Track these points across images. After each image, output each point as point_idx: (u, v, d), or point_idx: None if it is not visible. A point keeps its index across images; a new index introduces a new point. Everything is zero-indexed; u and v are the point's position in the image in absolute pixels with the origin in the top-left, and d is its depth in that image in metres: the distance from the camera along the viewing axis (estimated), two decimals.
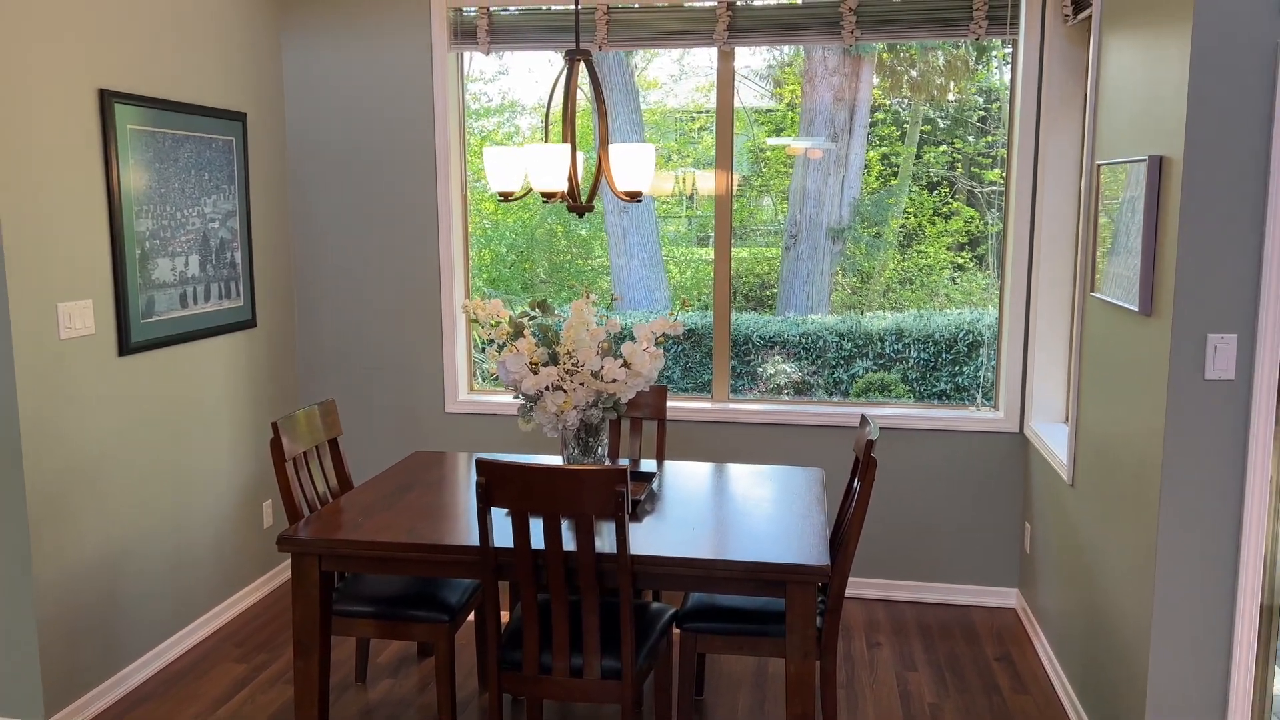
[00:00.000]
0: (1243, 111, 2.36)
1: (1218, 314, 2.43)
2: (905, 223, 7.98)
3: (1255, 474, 2.48)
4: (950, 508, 4.15)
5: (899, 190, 8.12)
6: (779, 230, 7.95)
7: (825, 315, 6.82)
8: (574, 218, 8.73)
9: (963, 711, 3.29)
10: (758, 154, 8.73)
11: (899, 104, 8.33)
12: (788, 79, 8.36)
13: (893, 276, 8.06)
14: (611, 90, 7.42)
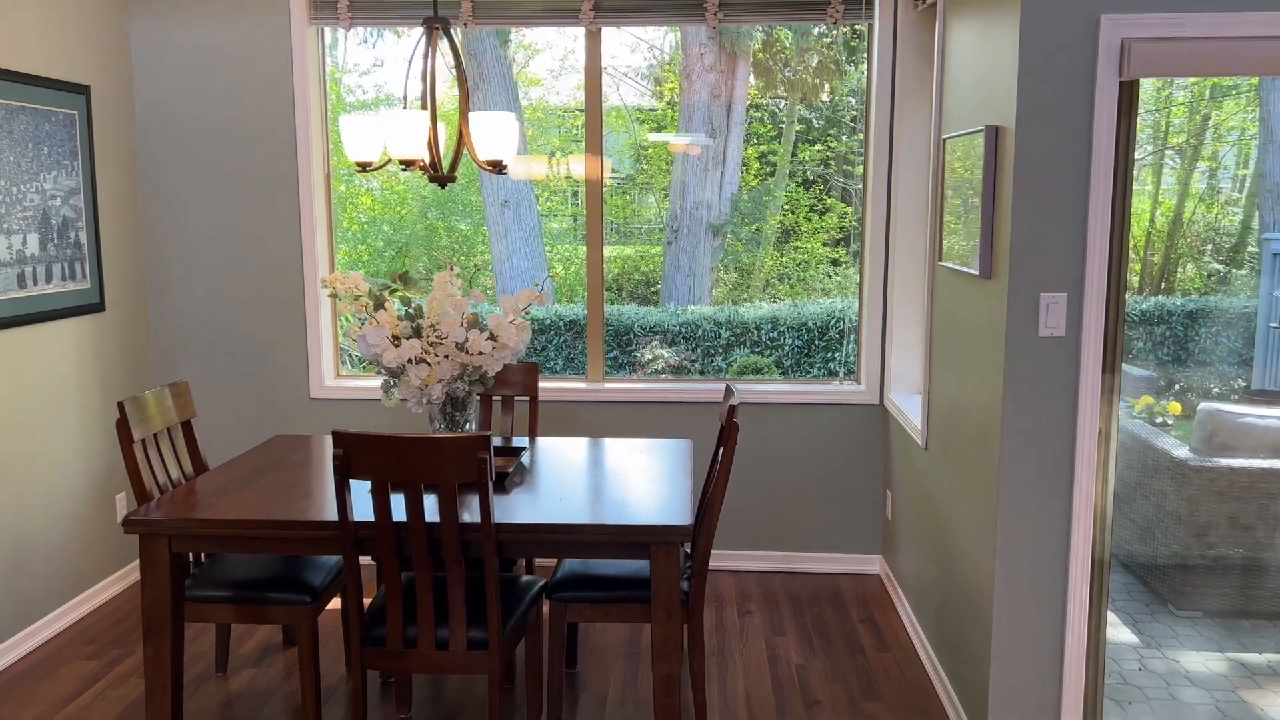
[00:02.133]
0: (1068, 81, 2.51)
1: (1049, 274, 2.58)
2: (783, 219, 8.18)
3: (1085, 428, 2.64)
4: (817, 480, 4.28)
5: (776, 187, 8.31)
6: (663, 228, 8.02)
7: (705, 306, 6.94)
8: (454, 212, 8.60)
9: (827, 671, 3.39)
10: (640, 151, 8.80)
11: (775, 103, 8.53)
12: (668, 77, 8.45)
13: (772, 272, 8.25)
14: (489, 83, 7.35)
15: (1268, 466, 3.90)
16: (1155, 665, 3.50)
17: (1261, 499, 3.92)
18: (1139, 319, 7.73)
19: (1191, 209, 11.85)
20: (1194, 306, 7.91)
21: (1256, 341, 7.08)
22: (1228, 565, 3.94)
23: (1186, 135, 12.27)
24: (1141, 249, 12.29)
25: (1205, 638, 3.73)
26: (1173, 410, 5.04)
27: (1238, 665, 3.51)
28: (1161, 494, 4.11)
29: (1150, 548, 4.16)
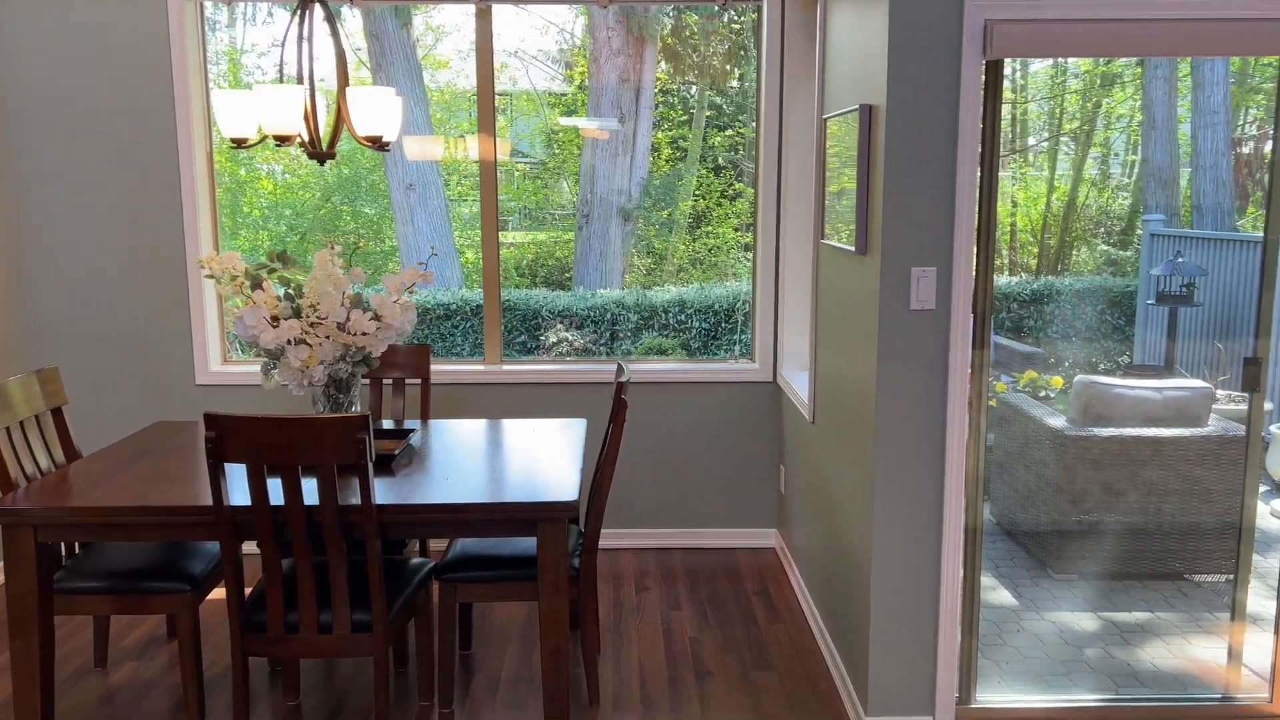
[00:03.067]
0: (935, 61, 2.58)
1: (919, 249, 2.66)
2: (695, 204, 8.23)
3: (955, 399, 2.73)
4: (715, 457, 4.34)
5: (687, 172, 8.35)
6: (575, 213, 7.99)
7: (614, 290, 6.96)
8: (359, 196, 8.42)
9: (720, 643, 3.45)
10: (551, 135, 8.74)
11: (686, 88, 8.55)
12: (578, 61, 8.41)
13: (684, 257, 8.29)
14: (392, 65, 7.21)
15: (1138, 435, 4.10)
16: (1034, 626, 3.65)
17: (1133, 466, 4.11)
18: (1030, 298, 8.03)
19: (1085, 193, 12.32)
20: (1081, 285, 8.24)
21: (1137, 318, 7.42)
22: (1102, 530, 4.13)
23: (1080, 122, 12.73)
24: (1039, 232, 12.74)
25: (1081, 599, 3.91)
26: (1055, 384, 5.26)
27: (1109, 624, 3.69)
28: (1042, 463, 4.28)
29: (1031, 515, 4.33)
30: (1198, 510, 4.07)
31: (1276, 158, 2.93)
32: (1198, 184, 9.32)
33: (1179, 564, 4.04)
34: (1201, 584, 3.98)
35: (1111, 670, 3.30)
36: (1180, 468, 4.08)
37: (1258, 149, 9.67)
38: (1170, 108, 9.85)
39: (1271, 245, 2.93)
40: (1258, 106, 10.50)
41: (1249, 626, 3.17)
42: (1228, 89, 9.45)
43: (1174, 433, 4.08)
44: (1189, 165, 9.66)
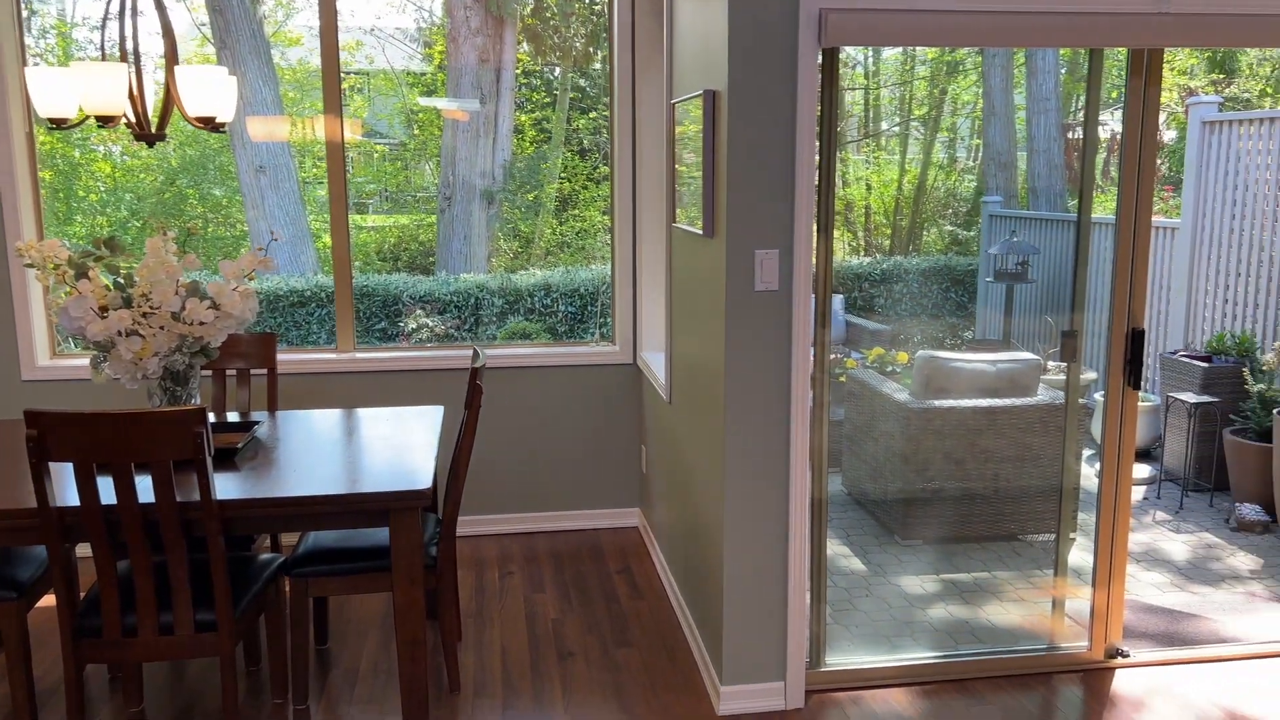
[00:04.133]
0: (774, 48, 2.65)
1: (762, 231, 2.73)
2: (561, 187, 8.18)
3: (798, 374, 2.83)
4: (578, 439, 4.36)
5: (552, 155, 8.29)
6: (438, 196, 7.82)
7: (478, 275, 6.87)
8: (205, 179, 8.01)
9: (583, 622, 3.49)
10: (411, 116, 8.52)
11: (549, 70, 8.47)
12: (437, 40, 8.22)
13: (552, 240, 8.25)
14: (238, 41, 6.88)
15: (974, 405, 4.34)
16: (881, 590, 3.83)
17: (970, 434, 4.36)
18: (880, 278, 8.36)
19: (933, 177, 12.85)
20: (927, 265, 8.64)
21: (978, 296, 7.84)
22: (943, 496, 4.36)
23: (928, 108, 13.24)
24: (892, 214, 13.19)
25: (924, 562, 4.13)
26: (901, 359, 5.50)
27: (950, 584, 3.91)
28: (889, 435, 4.48)
29: (880, 485, 4.54)
30: (1029, 474, 4.34)
31: (1087, 147, 3.14)
32: (1033, 167, 9.88)
33: (1013, 525, 4.32)
34: (1033, 543, 4.26)
35: (951, 628, 3.50)
36: (1013, 435, 4.35)
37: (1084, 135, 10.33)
38: (1008, 95, 10.39)
39: (1084, 226, 3.15)
40: (1072, 95, 11.17)
41: (1072, 581, 3.42)
42: (1058, 78, 10.04)
43: (1006, 402, 4.34)
44: (1025, 150, 10.23)
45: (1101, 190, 10.28)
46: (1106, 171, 10.54)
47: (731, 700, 2.90)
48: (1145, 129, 2.90)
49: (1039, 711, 2.89)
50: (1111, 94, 12.08)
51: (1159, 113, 2.91)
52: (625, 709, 2.92)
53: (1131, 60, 2.86)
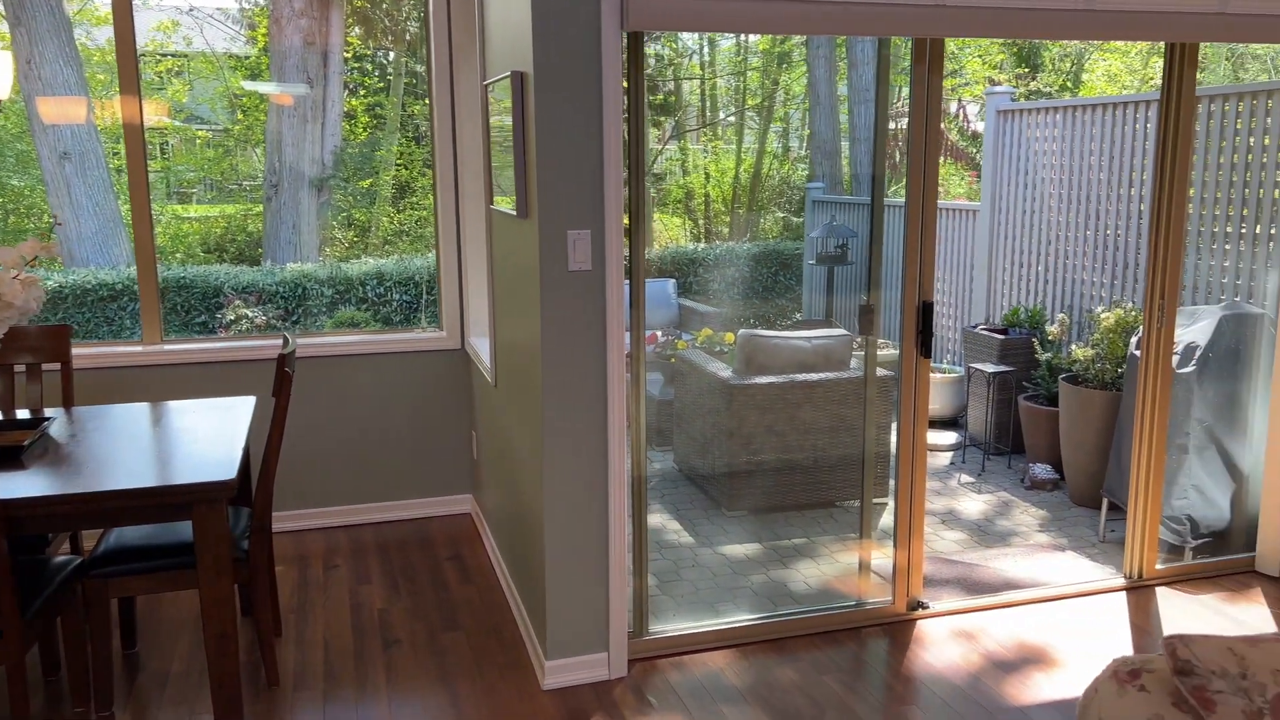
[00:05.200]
0: (578, 30, 2.69)
1: (574, 212, 2.78)
2: (398, 174, 7.97)
3: (613, 354, 2.89)
4: (408, 427, 4.31)
5: (387, 141, 8.07)
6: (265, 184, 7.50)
7: (306, 264, 6.65)
8: (4, 166, 7.40)
9: (410, 611, 3.46)
10: (234, 100, 8.10)
11: (382, 54, 8.23)
12: (260, 21, 7.85)
13: (388, 229, 8.04)
14: (34, 19, 6.37)
15: (792, 380, 4.54)
16: (707, 559, 3.97)
17: (789, 408, 4.55)
18: (713, 262, 8.60)
19: (768, 165, 13.24)
20: (758, 250, 8.94)
21: (803, 278, 8.17)
22: (766, 468, 4.55)
23: (761, 98, 13.61)
24: (729, 202, 13.51)
25: (748, 531, 4.30)
26: (728, 339, 5.68)
27: (771, 551, 4.09)
28: (715, 412, 4.63)
29: (708, 460, 4.68)
30: (844, 444, 4.58)
31: (879, 138, 3.33)
32: (855, 155, 10.35)
33: (830, 492, 4.54)
34: (848, 508, 4.50)
35: (770, 591, 3.66)
36: (828, 407, 4.57)
37: (898, 125, 10.90)
38: (831, 85, 10.82)
39: (878, 209, 3.35)
40: (895, 87, 11.78)
41: (881, 541, 3.63)
42: (876, 68, 10.55)
43: (821, 376, 4.56)
44: (849, 139, 10.69)
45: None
46: None
47: (556, 674, 2.95)
48: (930, 114, 3.10)
49: (846, 663, 3.07)
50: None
51: (942, 99, 3.12)
52: (450, 691, 2.93)
53: (915, 48, 3.06)
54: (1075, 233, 5.35)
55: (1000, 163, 5.88)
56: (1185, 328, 3.92)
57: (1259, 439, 3.78)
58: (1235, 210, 4.26)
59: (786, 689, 2.92)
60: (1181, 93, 3.32)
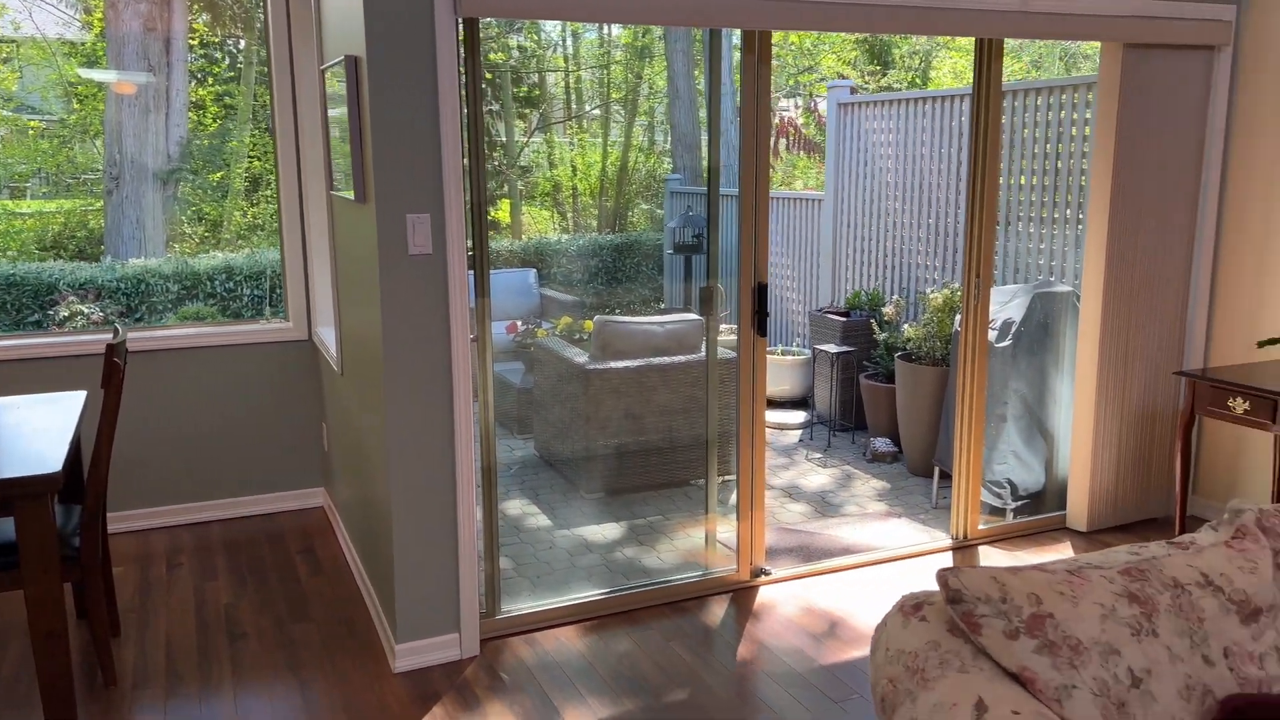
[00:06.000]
0: (411, 16, 2.70)
1: (412, 196, 2.79)
2: (251, 166, 7.69)
3: (458, 339, 2.92)
4: (255, 421, 4.21)
5: (238, 132, 7.77)
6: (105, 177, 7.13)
7: (151, 260, 6.37)
8: None
9: (258, 604, 3.41)
10: (69, 89, 7.66)
11: (231, 42, 7.92)
12: (96, 5, 7.44)
13: (242, 223, 7.76)
14: None
15: (646, 364, 4.65)
16: (564, 541, 4.04)
17: (645, 392, 4.67)
18: (576, 254, 8.68)
19: (634, 158, 13.38)
20: (621, 240, 9.07)
21: (664, 266, 8.34)
22: (623, 451, 4.65)
23: (625, 92, 13.74)
24: (597, 194, 13.59)
25: (605, 513, 4.39)
26: (587, 327, 5.76)
27: (627, 530, 4.19)
28: (573, 397, 4.70)
29: (567, 445, 4.76)
30: (697, 424, 4.73)
31: (712, 125, 3.46)
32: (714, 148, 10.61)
33: (685, 472, 4.68)
34: (701, 486, 4.65)
35: (624, 568, 3.76)
36: (681, 389, 4.71)
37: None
38: (689, 79, 11.04)
39: (713, 200, 3.48)
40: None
41: (730, 516, 3.78)
42: (732, 62, 10.81)
43: (671, 360, 4.69)
44: (707, 131, 10.93)
45: (773, 169, 11.19)
46: (776, 150, 11.50)
47: (407, 657, 2.96)
48: (760, 105, 3.25)
49: (693, 629, 3.20)
50: (788, 80, 13.14)
51: (770, 89, 3.28)
52: (300, 680, 2.91)
53: (744, 40, 3.20)
54: (911, 219, 5.66)
55: (842, 154, 6.16)
56: (1003, 305, 4.22)
57: (1067, 407, 4.12)
58: (1047, 196, 4.60)
59: (635, 657, 3.02)
60: (990, 86, 3.58)
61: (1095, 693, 1.43)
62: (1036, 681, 1.44)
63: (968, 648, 1.53)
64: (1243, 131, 3.76)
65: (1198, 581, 1.59)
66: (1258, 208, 3.74)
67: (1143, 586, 1.56)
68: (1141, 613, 1.52)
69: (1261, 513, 1.74)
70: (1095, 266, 3.75)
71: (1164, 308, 3.87)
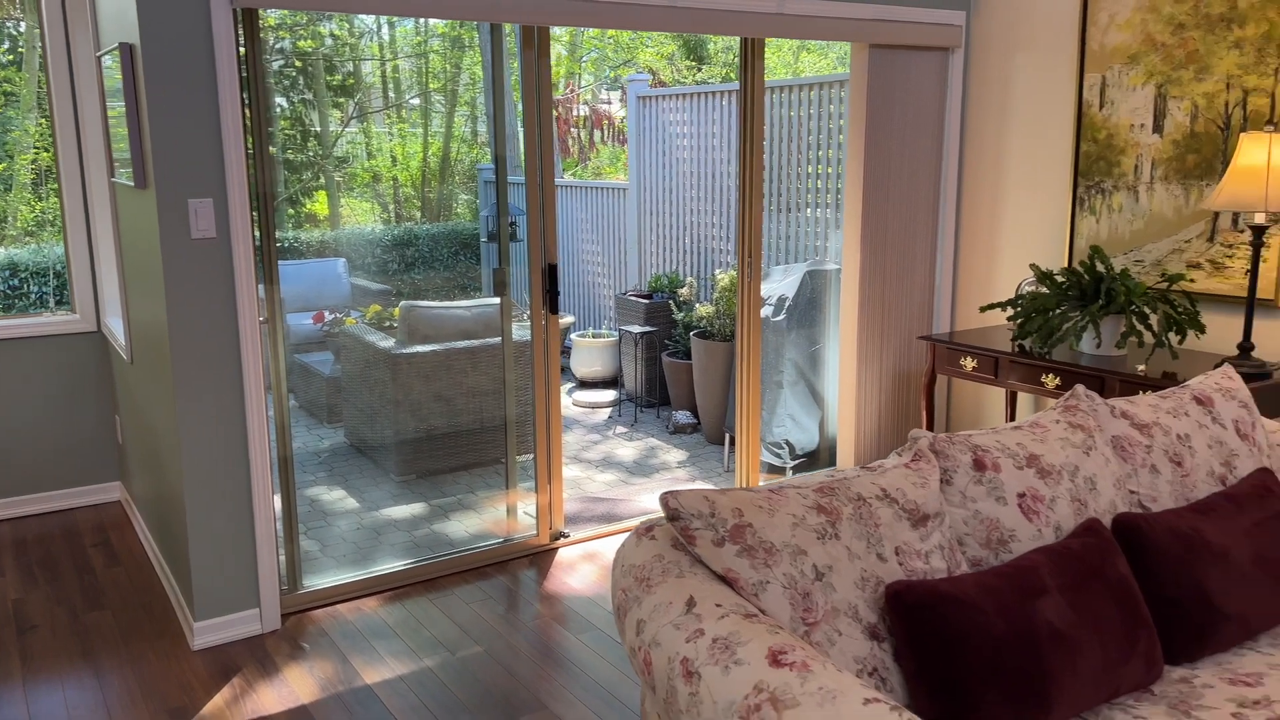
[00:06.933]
0: (185, 4, 2.75)
1: (194, 182, 2.85)
2: (39, 158, 7.25)
3: (246, 326, 2.99)
4: (43, 417, 4.09)
5: (22, 121, 7.31)
6: None
7: None
8: None
9: (50, 597, 3.36)
10: None
11: (11, 24, 7.43)
12: None
13: (30, 219, 7.31)
14: None
15: (450, 348, 4.79)
16: (373, 522, 4.13)
17: (454, 375, 4.81)
18: (391, 243, 8.67)
19: (457, 149, 13.37)
20: (438, 230, 9.11)
21: (481, 255, 8.46)
22: (432, 434, 4.77)
23: (444, 82, 13.70)
24: (419, 185, 13.51)
25: (414, 493, 4.51)
26: (395, 314, 5.84)
27: (436, 509, 4.33)
28: (382, 383, 4.78)
29: (378, 431, 4.83)
30: (506, 404, 4.91)
31: (498, 115, 3.64)
32: (528, 139, 10.78)
33: (492, 450, 4.86)
34: (522, 465, 4.84)
35: (432, 544, 3.91)
36: (490, 371, 4.88)
37: (568, 110, 11.46)
38: (504, 70, 11.15)
39: (501, 189, 3.67)
40: (574, 75, 12.32)
41: (538, 487, 3.99)
42: (490, 54, 10.99)
43: (480, 343, 4.85)
44: (522, 122, 11.08)
45: (583, 160, 11.48)
46: (591, 141, 11.80)
47: (206, 634, 3.02)
48: (541, 97, 3.46)
49: (495, 591, 3.39)
50: (612, 75, 13.40)
51: (551, 82, 3.49)
52: (94, 665, 2.91)
53: (522, 35, 3.40)
54: (706, 205, 6.03)
55: (643, 144, 6.47)
56: (779, 283, 4.61)
57: (833, 373, 4.55)
58: (820, 184, 5.04)
59: (435, 619, 3.18)
60: (753, 82, 3.92)
61: (785, 586, 1.72)
62: (739, 580, 1.72)
63: (686, 558, 1.79)
64: (974, 124, 4.27)
65: (877, 495, 1.91)
66: (987, 192, 4.26)
67: (830, 500, 1.86)
68: (827, 520, 1.82)
69: (935, 439, 2.09)
70: (852, 247, 4.17)
71: (915, 281, 4.35)
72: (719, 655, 1.55)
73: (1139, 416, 2.34)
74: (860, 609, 1.76)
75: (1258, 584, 2.07)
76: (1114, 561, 1.94)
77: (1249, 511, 2.18)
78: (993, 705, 1.68)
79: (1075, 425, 2.21)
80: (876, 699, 1.41)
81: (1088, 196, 3.87)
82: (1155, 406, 2.40)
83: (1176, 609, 2.00)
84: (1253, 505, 2.20)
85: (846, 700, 1.41)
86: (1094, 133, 3.82)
